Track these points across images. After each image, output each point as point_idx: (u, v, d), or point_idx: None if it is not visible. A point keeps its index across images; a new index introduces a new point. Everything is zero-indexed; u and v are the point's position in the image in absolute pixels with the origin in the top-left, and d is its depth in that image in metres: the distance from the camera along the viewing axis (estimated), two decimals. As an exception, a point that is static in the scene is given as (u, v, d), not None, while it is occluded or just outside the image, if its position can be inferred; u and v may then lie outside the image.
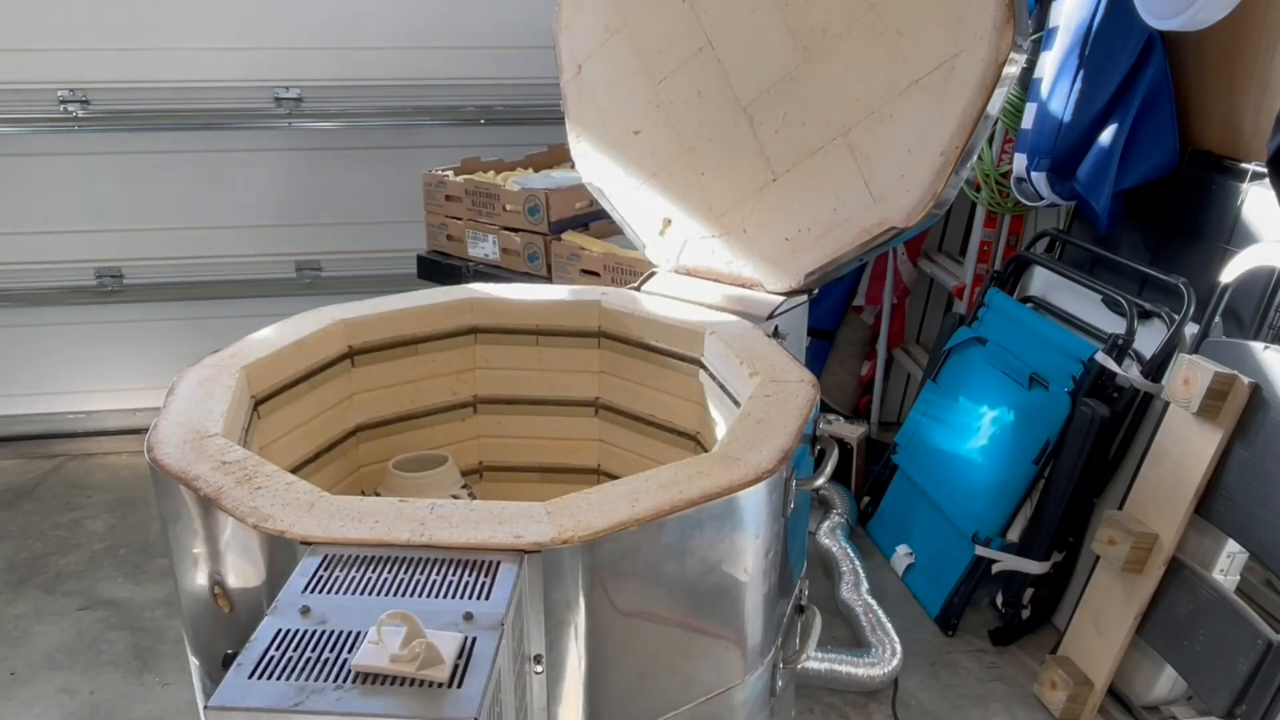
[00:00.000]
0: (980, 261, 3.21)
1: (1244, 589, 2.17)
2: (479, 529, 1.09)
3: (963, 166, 1.64)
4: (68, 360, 3.60)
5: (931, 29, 1.63)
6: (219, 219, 3.53)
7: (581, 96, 2.13)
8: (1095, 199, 2.53)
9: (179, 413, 1.36)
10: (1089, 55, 2.51)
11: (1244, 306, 2.24)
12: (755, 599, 1.28)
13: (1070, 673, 2.27)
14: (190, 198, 3.49)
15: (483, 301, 1.86)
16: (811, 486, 1.37)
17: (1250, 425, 2.03)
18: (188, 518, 1.22)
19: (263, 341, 1.60)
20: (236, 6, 3.31)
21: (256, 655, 0.90)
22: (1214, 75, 2.43)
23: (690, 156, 1.98)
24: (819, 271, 1.83)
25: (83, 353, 3.61)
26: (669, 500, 1.14)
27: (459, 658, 0.90)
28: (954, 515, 2.67)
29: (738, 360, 1.57)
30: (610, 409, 1.89)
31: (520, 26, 3.54)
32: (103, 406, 3.66)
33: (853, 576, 2.69)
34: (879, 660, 2.37)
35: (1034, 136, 2.65)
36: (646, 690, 1.22)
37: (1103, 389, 2.41)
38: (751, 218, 1.92)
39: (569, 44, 2.12)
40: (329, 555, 1.06)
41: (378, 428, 1.82)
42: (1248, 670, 1.92)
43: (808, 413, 1.38)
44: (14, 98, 3.28)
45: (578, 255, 2.75)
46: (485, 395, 1.92)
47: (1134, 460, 2.37)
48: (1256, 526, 1.98)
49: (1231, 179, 2.36)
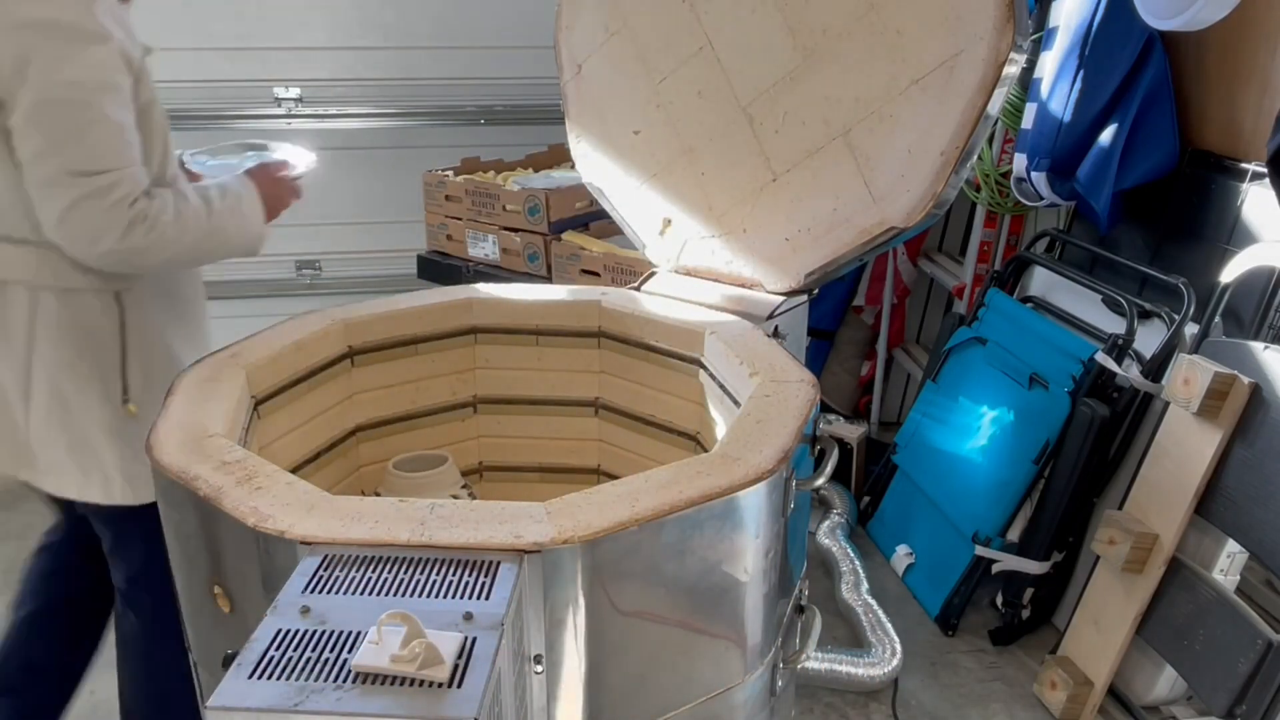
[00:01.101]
0: (980, 261, 3.21)
1: (1244, 589, 2.17)
2: (479, 529, 1.09)
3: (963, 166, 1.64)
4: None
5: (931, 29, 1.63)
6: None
7: (581, 96, 2.13)
8: (1095, 199, 2.53)
9: (179, 413, 1.36)
10: (1089, 55, 2.51)
11: (1244, 306, 2.24)
12: (755, 599, 1.28)
13: (1070, 673, 2.27)
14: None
15: (483, 301, 1.86)
16: (811, 486, 1.37)
17: (1250, 425, 2.03)
18: (188, 518, 1.22)
19: (263, 341, 1.60)
20: (236, 6, 3.31)
21: (256, 655, 0.90)
22: (1214, 75, 2.43)
23: (690, 156, 1.98)
24: (819, 271, 1.83)
25: (83, 353, 3.60)
26: (669, 500, 1.14)
27: (459, 658, 0.90)
28: (954, 515, 2.67)
29: (738, 360, 1.57)
30: (610, 409, 1.89)
31: (520, 26, 3.54)
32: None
33: (853, 576, 2.69)
34: (879, 660, 2.37)
35: (1034, 136, 2.65)
36: (646, 690, 1.22)
37: (1103, 389, 2.41)
38: (751, 218, 1.92)
39: (569, 44, 2.12)
40: (329, 555, 1.06)
41: (378, 428, 1.82)
42: (1248, 670, 1.92)
43: (808, 413, 1.38)
44: None
45: (578, 255, 2.75)
46: (485, 395, 1.92)
47: (1134, 460, 2.37)
48: (1256, 526, 1.98)
49: (1231, 179, 2.37)
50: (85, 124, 1.50)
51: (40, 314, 1.63)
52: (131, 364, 1.69)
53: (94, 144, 1.51)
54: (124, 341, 1.67)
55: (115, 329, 1.67)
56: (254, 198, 1.75)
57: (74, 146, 1.50)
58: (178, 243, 1.59)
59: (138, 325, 1.69)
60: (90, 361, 1.66)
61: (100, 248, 1.53)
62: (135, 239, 1.53)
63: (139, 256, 1.57)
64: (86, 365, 1.65)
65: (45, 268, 1.61)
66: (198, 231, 1.63)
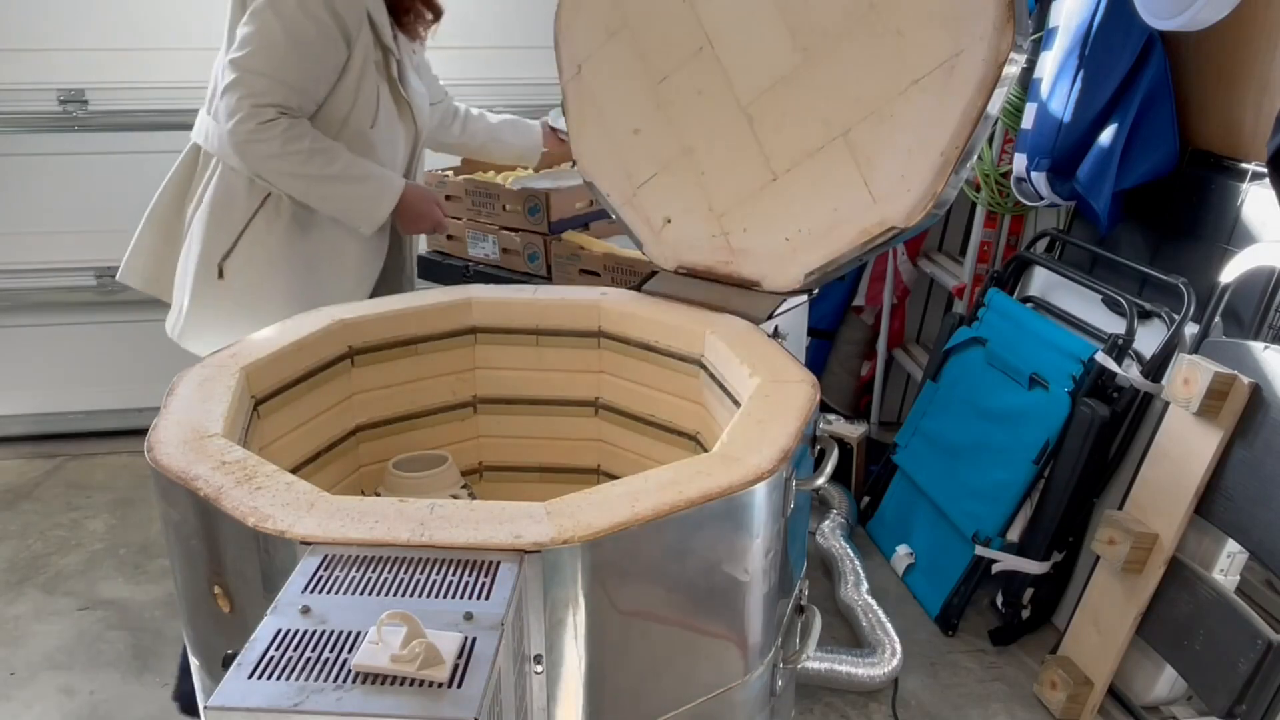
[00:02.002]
0: (980, 261, 3.21)
1: (1244, 589, 2.17)
2: (479, 529, 1.09)
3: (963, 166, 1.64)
4: (68, 360, 3.60)
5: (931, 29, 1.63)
6: (219, 219, 3.53)
7: (581, 96, 2.13)
8: (1095, 199, 2.53)
9: (179, 413, 1.36)
10: (1089, 55, 2.51)
11: (1244, 306, 2.24)
12: (755, 599, 1.28)
13: (1070, 673, 2.27)
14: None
15: (483, 301, 1.86)
16: (811, 486, 1.37)
17: (1250, 425, 2.03)
18: (188, 518, 1.22)
19: (263, 341, 1.60)
20: (236, 6, 3.31)
21: (256, 655, 0.90)
22: (1214, 75, 2.43)
23: (690, 156, 1.98)
24: (819, 271, 1.83)
25: (83, 353, 3.61)
26: (669, 500, 1.14)
27: (459, 658, 0.90)
28: (954, 515, 2.67)
29: (738, 360, 1.57)
30: (610, 409, 1.89)
31: (520, 26, 3.53)
32: (103, 406, 3.65)
33: (853, 576, 2.69)
34: (879, 660, 2.37)
35: (1034, 136, 2.65)
36: (646, 690, 1.22)
37: (1103, 389, 2.41)
38: (751, 218, 1.92)
39: (569, 44, 2.12)
40: (329, 555, 1.06)
41: (378, 428, 1.82)
42: (1248, 670, 1.92)
43: (808, 413, 1.38)
44: (14, 98, 3.28)
45: (578, 255, 2.75)
46: (485, 395, 1.92)
47: (1134, 460, 2.37)
48: (1256, 526, 1.98)
49: (1231, 179, 2.37)
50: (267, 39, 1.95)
51: (215, 178, 2.11)
52: (241, 244, 2.11)
53: (260, 51, 1.95)
54: (245, 228, 2.11)
55: (245, 216, 2.10)
56: (390, 197, 2.11)
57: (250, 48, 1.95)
58: (292, 170, 2.00)
59: (261, 224, 2.11)
60: (219, 225, 2.11)
61: (232, 134, 1.97)
62: (258, 140, 1.97)
63: (256, 158, 2.00)
64: (215, 225, 2.11)
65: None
66: (314, 174, 2.01)
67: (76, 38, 3.25)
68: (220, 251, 2.10)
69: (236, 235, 2.10)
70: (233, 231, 2.10)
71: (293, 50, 1.95)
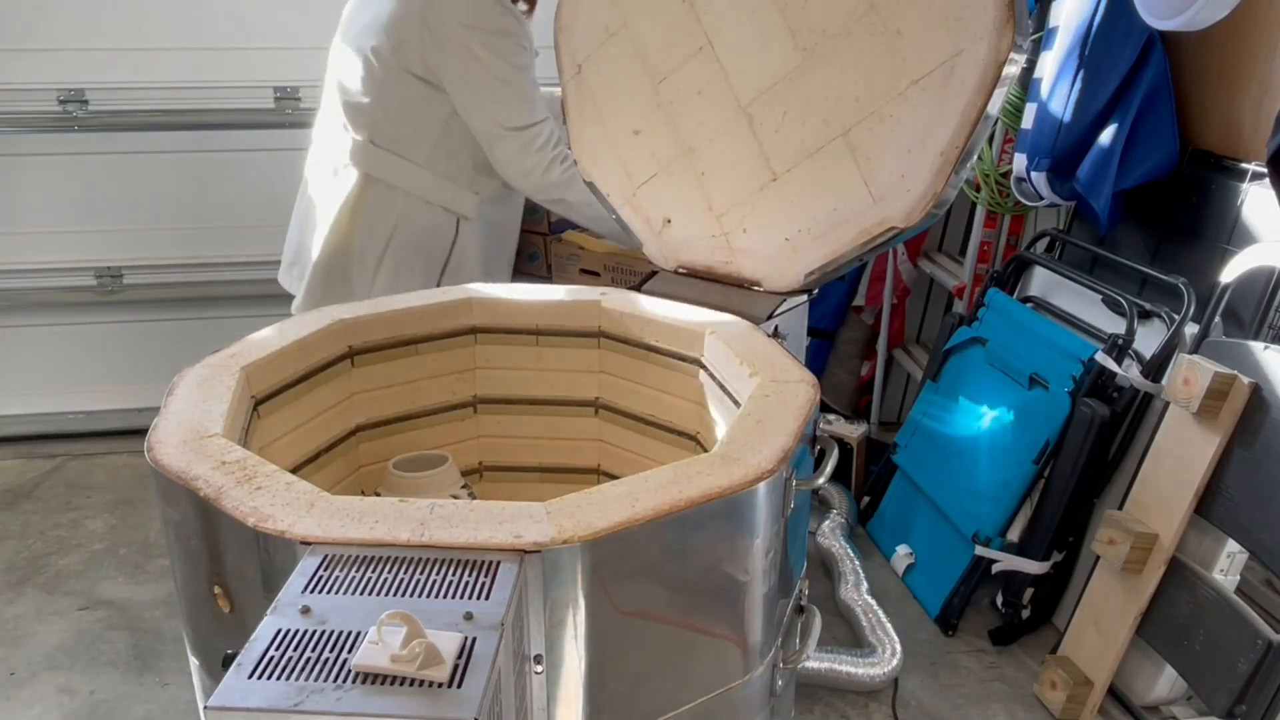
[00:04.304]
0: (980, 261, 3.21)
1: (1244, 589, 2.17)
2: (479, 529, 1.09)
3: (963, 166, 1.64)
4: (68, 360, 3.60)
5: (931, 29, 1.63)
6: (219, 219, 3.53)
7: (581, 96, 2.13)
8: (1095, 199, 2.53)
9: (179, 413, 1.36)
10: (1089, 55, 2.51)
11: (1244, 306, 2.24)
12: (755, 599, 1.28)
13: (1070, 673, 2.27)
14: (190, 198, 3.49)
15: (483, 301, 1.86)
16: (811, 486, 1.37)
17: (1250, 425, 2.03)
18: (188, 518, 1.22)
19: (263, 341, 1.60)
20: (236, 6, 3.31)
21: (256, 655, 0.90)
22: (1214, 75, 2.43)
23: (690, 156, 1.98)
24: (819, 271, 1.83)
25: (83, 353, 3.60)
26: (669, 500, 1.14)
27: (459, 658, 0.90)
28: (954, 515, 2.67)
29: (738, 360, 1.57)
30: (610, 409, 1.89)
31: (520, 26, 3.53)
32: (103, 406, 3.65)
33: (853, 576, 2.69)
34: (879, 660, 2.37)
35: (1034, 136, 2.65)
36: (646, 690, 1.22)
37: (1103, 389, 2.41)
38: (751, 218, 1.92)
39: (569, 44, 2.12)
40: (329, 555, 1.06)
41: (378, 428, 1.82)
42: (1248, 670, 1.92)
43: (808, 413, 1.38)
44: (14, 98, 3.28)
45: (578, 255, 2.75)
46: (485, 395, 1.92)
47: (1134, 460, 2.37)
48: (1256, 526, 1.98)
49: (1231, 179, 2.37)
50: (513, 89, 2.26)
51: (406, 213, 2.34)
52: (449, 269, 2.41)
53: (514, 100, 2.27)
54: (450, 254, 2.40)
55: (448, 244, 2.39)
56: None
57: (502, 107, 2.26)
58: (574, 186, 2.24)
59: (462, 245, 2.41)
60: (424, 256, 2.38)
61: (530, 181, 2.30)
62: (554, 175, 2.29)
63: (556, 189, 2.30)
64: (421, 258, 2.38)
65: (425, 184, 2.34)
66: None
67: (76, 38, 3.25)
68: (433, 282, 2.39)
69: (443, 263, 2.39)
70: (438, 260, 2.38)
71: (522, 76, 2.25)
